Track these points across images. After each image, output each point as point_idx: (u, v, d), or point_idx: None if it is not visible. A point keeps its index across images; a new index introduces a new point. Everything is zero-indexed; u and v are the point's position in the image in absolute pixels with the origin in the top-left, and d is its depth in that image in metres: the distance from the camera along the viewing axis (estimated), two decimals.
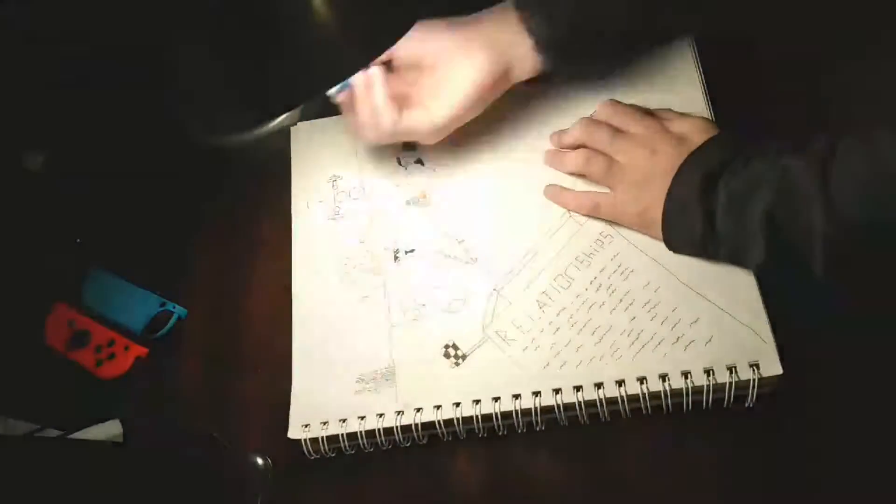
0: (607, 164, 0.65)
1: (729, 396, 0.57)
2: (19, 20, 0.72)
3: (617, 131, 0.65)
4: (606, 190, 0.66)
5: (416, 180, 0.72)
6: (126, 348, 0.71)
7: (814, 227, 0.53)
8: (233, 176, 0.81)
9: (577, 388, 0.59)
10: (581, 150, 0.67)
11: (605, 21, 0.64)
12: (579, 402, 0.59)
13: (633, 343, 0.60)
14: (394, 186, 0.73)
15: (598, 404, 0.59)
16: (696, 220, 0.59)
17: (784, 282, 0.58)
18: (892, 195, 0.52)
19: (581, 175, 0.67)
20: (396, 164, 0.74)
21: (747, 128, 0.63)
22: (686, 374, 0.58)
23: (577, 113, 0.69)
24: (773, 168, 0.56)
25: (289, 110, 0.82)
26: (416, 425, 0.61)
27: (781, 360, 0.57)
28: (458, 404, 0.61)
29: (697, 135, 0.62)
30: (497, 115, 0.72)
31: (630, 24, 0.65)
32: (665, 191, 0.61)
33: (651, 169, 0.62)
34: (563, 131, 0.69)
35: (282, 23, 0.79)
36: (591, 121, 0.67)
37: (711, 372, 0.58)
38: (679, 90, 0.68)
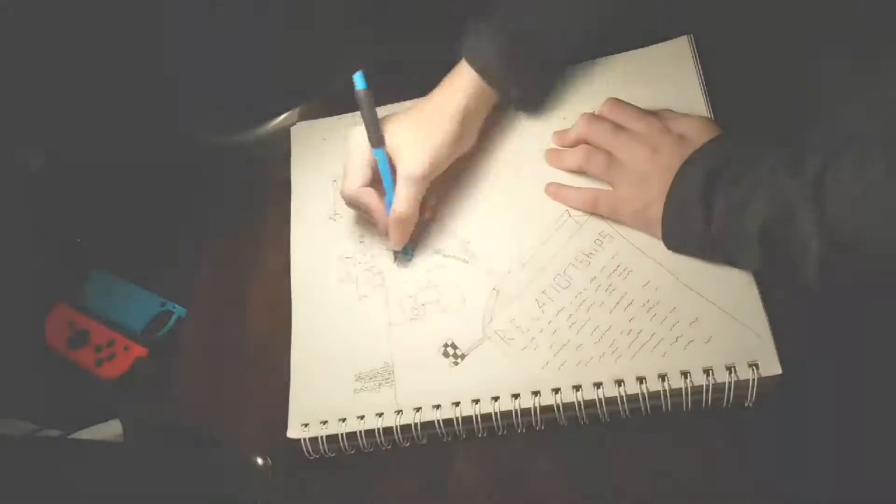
0: (608, 161, 0.65)
1: (728, 396, 0.57)
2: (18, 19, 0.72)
3: (618, 128, 0.65)
4: (607, 187, 0.66)
5: None
6: (126, 348, 0.71)
7: (809, 247, 0.54)
8: (233, 176, 0.81)
9: (577, 388, 0.59)
10: (582, 146, 0.67)
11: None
12: (578, 402, 0.59)
13: (632, 343, 0.60)
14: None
15: (598, 404, 0.59)
16: (696, 220, 0.59)
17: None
18: (885, 215, 0.52)
19: (581, 172, 0.67)
20: None
21: (747, 127, 0.63)
22: (685, 374, 0.58)
23: (577, 112, 0.69)
24: (770, 185, 0.56)
25: (289, 110, 0.82)
26: (416, 425, 0.61)
27: (781, 360, 0.56)
28: (457, 404, 0.61)
29: (698, 134, 0.62)
30: (498, 114, 0.73)
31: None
32: (665, 189, 0.61)
33: (652, 167, 0.62)
34: (565, 130, 0.69)
35: (282, 23, 0.79)
36: (594, 116, 0.67)
37: (711, 372, 0.57)
38: (679, 90, 0.68)
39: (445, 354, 0.63)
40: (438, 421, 0.61)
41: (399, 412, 0.62)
